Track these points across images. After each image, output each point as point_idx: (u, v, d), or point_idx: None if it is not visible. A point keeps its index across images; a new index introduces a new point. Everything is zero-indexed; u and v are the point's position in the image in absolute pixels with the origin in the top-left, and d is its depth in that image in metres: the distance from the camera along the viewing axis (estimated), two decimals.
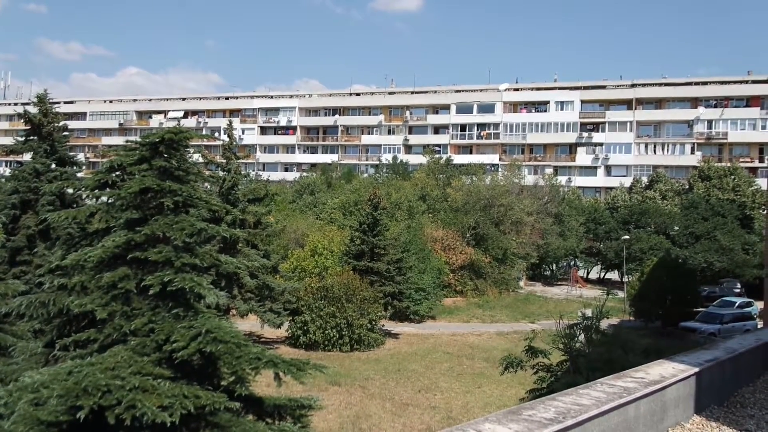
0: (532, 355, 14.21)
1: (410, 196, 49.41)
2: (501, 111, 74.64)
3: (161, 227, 8.24)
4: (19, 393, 6.93)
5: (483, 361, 26.25)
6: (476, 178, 53.74)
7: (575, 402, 6.73)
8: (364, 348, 27.74)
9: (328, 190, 58.33)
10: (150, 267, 8.17)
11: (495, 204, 47.13)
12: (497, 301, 41.92)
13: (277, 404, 8.76)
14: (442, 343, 29.97)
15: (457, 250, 41.69)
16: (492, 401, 20.45)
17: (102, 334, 8.00)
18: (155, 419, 6.58)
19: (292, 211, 49.59)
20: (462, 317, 37.55)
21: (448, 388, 22.07)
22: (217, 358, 7.75)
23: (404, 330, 32.66)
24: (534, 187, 55.10)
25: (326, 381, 20.84)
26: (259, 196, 28.24)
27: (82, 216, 9.48)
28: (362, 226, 32.36)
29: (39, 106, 26.23)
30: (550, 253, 51.79)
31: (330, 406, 18.65)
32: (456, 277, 41.69)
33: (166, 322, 7.88)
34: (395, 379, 22.92)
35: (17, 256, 23.22)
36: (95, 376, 6.76)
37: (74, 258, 8.54)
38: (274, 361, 7.98)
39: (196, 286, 7.96)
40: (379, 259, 31.70)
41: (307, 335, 27.33)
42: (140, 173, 8.65)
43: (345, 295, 27.57)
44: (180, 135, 8.80)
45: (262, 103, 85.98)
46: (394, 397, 20.60)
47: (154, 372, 7.31)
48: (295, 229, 40.41)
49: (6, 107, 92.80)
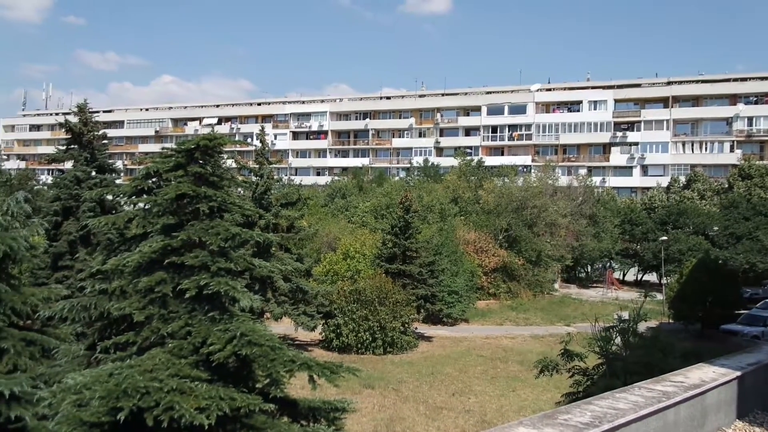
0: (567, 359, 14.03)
1: (442, 198, 49.24)
2: (533, 112, 73.88)
3: (197, 232, 8.39)
4: (63, 394, 7.13)
5: (517, 364, 25.97)
6: (508, 179, 53.30)
7: (612, 406, 6.62)
8: (397, 351, 27.71)
9: (359, 194, 58.53)
10: (186, 271, 8.33)
11: (528, 206, 46.63)
12: (531, 304, 41.44)
13: (311, 406, 8.83)
14: (475, 346, 29.76)
15: (489, 253, 41.37)
16: (527, 405, 20.21)
17: (140, 336, 8.18)
18: (192, 421, 6.70)
19: (324, 214, 49.88)
20: (495, 320, 37.22)
21: (482, 392, 21.89)
22: (252, 361, 7.85)
23: (437, 333, 32.53)
24: (568, 188, 54.35)
25: (360, 384, 20.86)
26: (291, 201, 28.50)
27: (120, 222, 9.73)
28: (394, 229, 32.36)
29: (79, 116, 27.02)
30: (584, 255, 50.99)
31: (363, 408, 18.67)
32: (489, 280, 41.37)
33: (203, 325, 8.02)
34: (429, 383, 22.84)
35: (59, 261, 23.92)
36: (134, 378, 6.92)
37: (113, 263, 8.76)
38: (308, 363, 8.05)
39: (231, 290, 8.08)
40: (411, 262, 31.66)
41: (340, 338, 27.43)
42: (176, 179, 8.82)
43: (377, 298, 27.60)
44: (214, 141, 8.95)
45: (293, 109, 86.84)
46: (428, 401, 20.52)
47: (191, 374, 7.45)
48: (327, 232, 40.64)
49: (48, 117, 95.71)
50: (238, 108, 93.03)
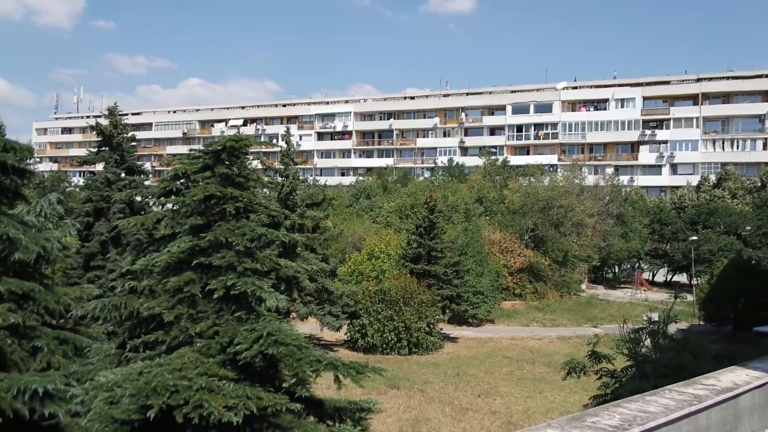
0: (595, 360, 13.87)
1: (467, 198, 49.02)
2: (559, 110, 73.08)
3: (224, 233, 8.48)
4: (95, 392, 7.27)
5: (544, 365, 25.72)
6: (534, 179, 52.81)
7: (642, 409, 6.52)
8: (422, 351, 27.66)
9: (384, 194, 58.57)
10: (214, 271, 8.43)
11: (554, 205, 46.15)
12: (558, 305, 41.01)
13: (337, 406, 8.86)
14: (501, 347, 29.56)
15: (515, 253, 41.06)
16: (554, 407, 20.01)
17: (169, 336, 8.30)
18: (221, 419, 6.78)
19: (349, 215, 50.03)
20: (521, 321, 36.92)
21: (508, 393, 21.73)
22: (278, 360, 7.90)
23: (462, 334, 32.40)
24: (595, 188, 53.65)
25: (385, 384, 20.88)
26: (316, 201, 28.65)
27: (149, 222, 9.88)
28: (419, 229, 32.32)
29: (109, 119, 27.55)
30: (612, 255, 50.28)
31: (389, 409, 18.68)
32: (515, 280, 41.06)
33: (230, 325, 8.10)
34: (454, 383, 22.75)
35: (91, 262, 24.40)
36: (164, 377, 7.03)
37: (143, 263, 8.91)
38: (333, 363, 8.08)
39: (258, 290, 8.15)
40: (436, 262, 31.58)
41: (365, 338, 27.48)
42: (203, 180, 8.93)
43: (402, 298, 27.59)
44: (240, 143, 9.04)
45: (318, 110, 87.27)
46: (454, 402, 20.45)
47: (219, 373, 7.53)
48: (352, 233, 40.74)
49: (79, 120, 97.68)
50: (264, 109, 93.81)
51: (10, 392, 8.43)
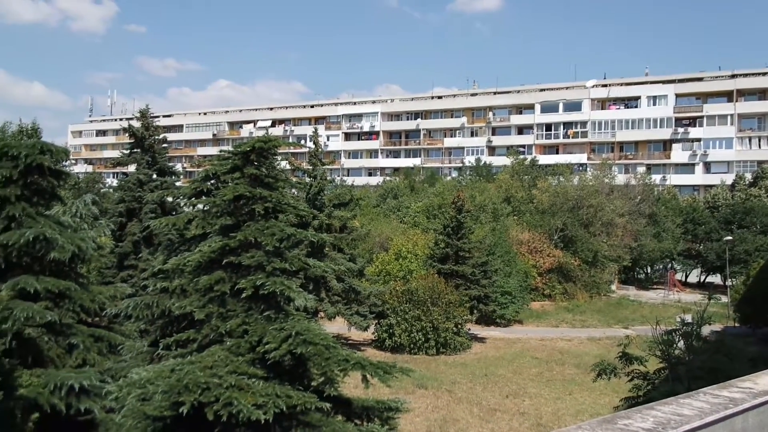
0: (626, 362, 13.65)
1: (494, 198, 48.68)
2: (588, 108, 72.08)
3: (253, 233, 8.58)
4: (128, 388, 7.42)
5: (574, 367, 25.41)
6: (563, 178, 52.18)
7: (675, 412, 6.39)
8: (450, 352, 27.57)
9: (411, 194, 58.50)
10: (243, 271, 8.53)
11: (584, 205, 45.54)
12: (588, 306, 40.46)
13: (365, 406, 8.89)
14: (530, 348, 29.29)
15: (544, 253, 40.64)
16: (584, 409, 19.75)
17: (200, 334, 8.43)
18: (250, 416, 6.86)
19: (376, 215, 50.09)
20: (550, 321, 36.53)
21: (537, 394, 21.53)
22: (307, 360, 7.96)
23: (490, 334, 32.19)
24: (625, 187, 52.79)
25: (413, 384, 20.86)
26: (344, 201, 28.77)
27: (180, 223, 10.04)
28: (446, 229, 32.21)
29: (141, 121, 28.10)
30: (644, 256, 49.41)
31: (417, 409, 18.65)
32: (543, 281, 40.65)
33: (259, 324, 8.19)
34: (482, 384, 22.63)
35: (124, 261, 24.90)
36: (195, 374, 7.14)
37: (174, 262, 9.06)
38: (361, 363, 8.11)
39: (286, 290, 8.23)
40: (464, 262, 31.44)
41: (392, 338, 27.50)
42: (233, 181, 9.05)
43: (430, 298, 27.54)
44: (269, 143, 9.13)
45: (345, 110, 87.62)
46: (482, 402, 20.33)
47: (248, 371, 7.62)
48: (379, 233, 40.79)
49: (112, 123, 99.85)
50: (292, 110, 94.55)
51: (47, 388, 8.66)
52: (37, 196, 9.83)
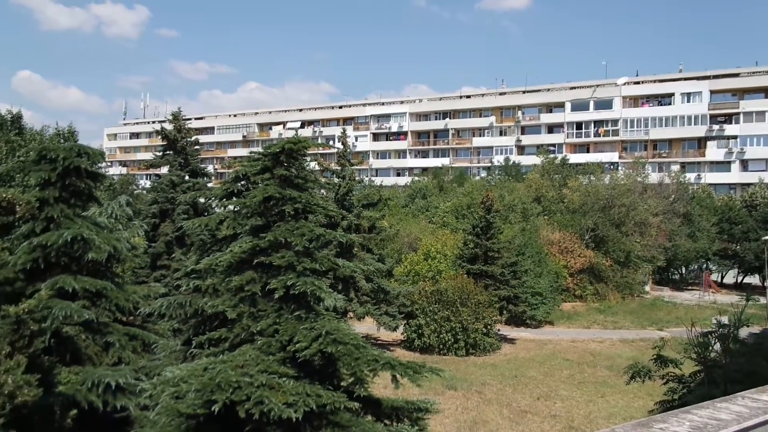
0: (661, 365, 13.36)
1: (524, 198, 48.24)
2: (620, 106, 70.89)
3: (283, 233, 8.65)
4: (162, 386, 7.55)
5: (606, 369, 25.02)
6: (594, 177, 51.43)
7: (712, 416, 6.25)
8: (479, 352, 27.41)
9: (440, 194, 58.31)
10: (274, 271, 8.62)
11: (616, 204, 44.79)
12: (620, 307, 39.79)
13: (394, 406, 8.89)
14: (561, 350, 28.93)
15: (575, 253, 40.11)
16: (617, 412, 19.43)
17: (232, 333, 8.54)
18: (281, 415, 6.92)
19: (404, 215, 50.05)
20: (582, 323, 36.03)
21: (569, 397, 21.25)
22: (336, 359, 8.00)
23: (521, 335, 31.90)
24: (659, 186, 51.77)
25: (442, 385, 20.79)
26: (372, 201, 28.81)
27: (212, 223, 10.19)
28: (475, 229, 32.02)
29: (174, 123, 28.59)
30: (678, 256, 48.39)
31: (446, 410, 18.59)
32: (575, 281, 40.12)
33: (289, 324, 8.26)
34: (512, 385, 22.43)
35: (158, 261, 25.35)
36: (227, 373, 7.23)
37: (206, 262, 9.20)
38: (391, 363, 8.11)
39: (317, 290, 8.28)
40: (493, 262, 31.21)
41: (421, 339, 27.45)
42: (263, 182, 9.15)
43: (459, 298, 27.41)
44: (298, 144, 9.21)
45: (373, 110, 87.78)
46: (512, 404, 20.16)
47: (279, 370, 7.69)
48: (408, 233, 40.75)
49: (146, 125, 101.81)
50: (320, 111, 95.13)
51: (85, 385, 8.88)
52: (74, 198, 10.08)
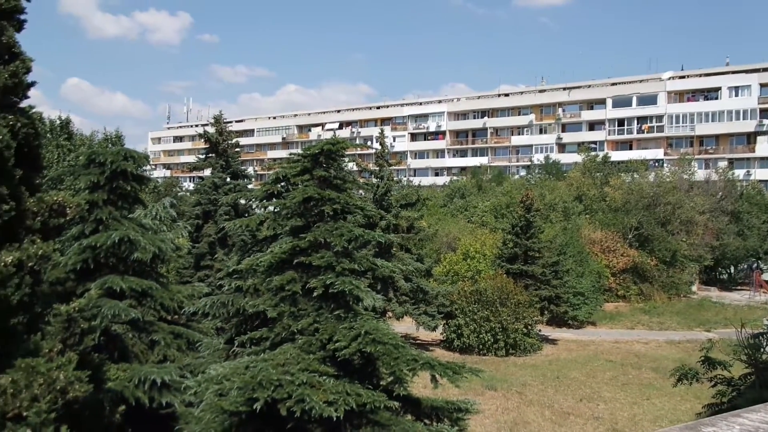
0: (709, 367, 12.96)
1: (565, 196, 47.48)
2: (664, 102, 68.99)
3: (322, 233, 8.75)
4: (206, 384, 7.73)
5: (651, 371, 24.43)
6: (638, 175, 50.21)
7: (764, 420, 6.04)
8: (520, 353, 27.11)
9: (478, 193, 57.87)
10: (313, 271, 8.72)
11: (660, 202, 43.65)
12: (666, 307, 38.76)
13: (434, 406, 8.89)
14: (604, 351, 28.37)
15: (618, 253, 39.28)
16: (663, 415, 18.95)
17: (273, 332, 8.68)
18: (322, 413, 7.00)
19: (443, 215, 49.86)
20: (625, 323, 35.25)
21: (613, 398, 20.83)
22: (376, 359, 8.05)
23: (562, 336, 31.41)
24: (706, 183, 50.21)
25: (482, 385, 20.65)
26: (411, 201, 28.81)
27: (253, 224, 10.38)
28: (515, 228, 31.69)
29: (215, 126, 29.18)
30: (727, 255, 46.85)
31: (486, 410, 18.46)
32: (618, 281, 39.28)
33: (329, 323, 8.35)
34: (554, 387, 22.12)
35: (201, 261, 25.92)
36: (268, 372, 7.35)
37: (247, 263, 9.37)
38: (430, 363, 8.12)
39: (355, 289, 8.35)
40: (533, 262, 30.85)
41: (461, 339, 27.31)
42: (303, 183, 9.27)
43: (499, 299, 27.17)
44: (337, 146, 9.29)
45: (411, 111, 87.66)
46: (554, 405, 19.88)
47: (319, 369, 7.78)
48: (446, 232, 40.59)
49: (188, 129, 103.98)
50: (358, 112, 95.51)
51: (132, 382, 9.16)
52: (121, 200, 10.41)
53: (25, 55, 7.01)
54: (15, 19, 6.97)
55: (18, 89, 6.93)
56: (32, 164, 7.28)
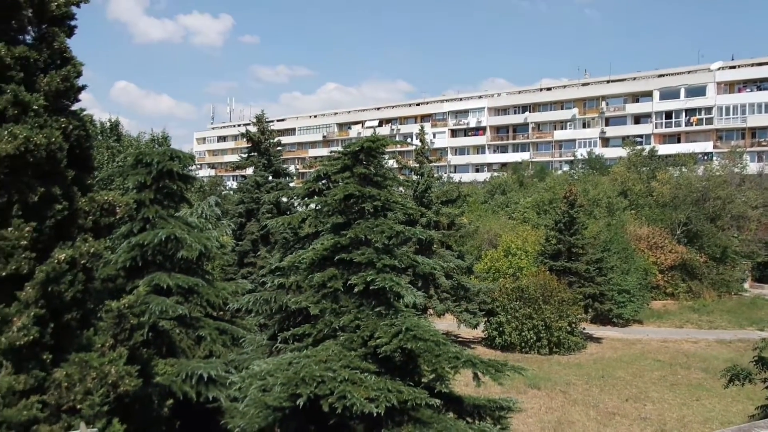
0: (762, 367, 12.54)
1: (609, 191, 46.46)
2: (714, 93, 66.65)
3: (363, 230, 8.79)
4: (250, 379, 7.87)
5: (701, 371, 23.72)
6: (686, 169, 48.74)
7: None
8: (563, 351, 26.70)
9: (520, 189, 57.17)
10: (354, 268, 8.77)
11: (710, 197, 42.28)
12: (716, 305, 37.53)
13: (476, 404, 8.84)
14: (651, 350, 27.68)
15: (665, 249, 38.23)
16: (713, 416, 18.38)
17: (315, 329, 8.77)
18: (363, 410, 7.04)
19: (484, 211, 49.46)
20: (674, 322, 34.30)
21: (660, 399, 20.31)
22: (417, 356, 8.05)
23: (607, 334, 30.78)
24: (758, 176, 48.36)
25: (525, 384, 20.42)
26: (451, 198, 28.68)
27: (295, 222, 10.50)
28: (558, 224, 31.20)
29: (257, 126, 29.64)
30: None
31: (530, 409, 18.25)
32: (665, 278, 38.24)
33: (370, 320, 8.39)
34: (599, 386, 21.70)
35: (244, 259, 26.38)
36: (311, 368, 7.44)
37: (290, 260, 9.49)
38: (472, 360, 8.07)
39: (396, 286, 8.36)
40: (577, 259, 30.32)
41: (502, 336, 27.06)
42: (343, 181, 9.33)
43: (542, 296, 26.81)
44: (377, 143, 9.32)
45: (451, 107, 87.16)
46: (599, 405, 19.51)
47: (360, 366, 7.83)
48: (487, 229, 40.24)
49: (231, 129, 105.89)
50: (398, 109, 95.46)
51: (179, 376, 9.40)
52: (167, 199, 10.68)
53: (75, 60, 7.27)
54: (66, 26, 7.23)
55: (69, 93, 7.19)
56: (84, 165, 7.54)
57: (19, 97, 6.48)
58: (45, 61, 7.01)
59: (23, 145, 6.26)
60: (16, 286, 6.33)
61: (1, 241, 6.26)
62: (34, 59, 6.83)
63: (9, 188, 6.44)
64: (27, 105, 6.54)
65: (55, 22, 7.10)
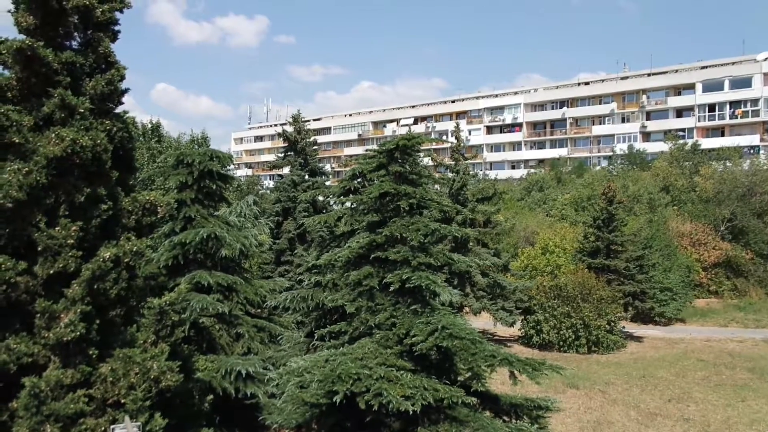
0: None
1: (650, 187, 45.43)
2: (760, 84, 64.39)
3: (398, 228, 8.82)
4: (288, 376, 7.99)
5: (747, 371, 23.00)
6: (731, 163, 47.28)
7: None
8: (602, 350, 26.24)
9: (557, 186, 56.36)
10: (390, 266, 8.81)
11: (757, 192, 40.93)
12: (763, 303, 36.31)
13: (513, 403, 8.79)
14: (694, 349, 26.97)
15: (709, 246, 37.17)
16: (760, 418, 17.81)
17: (351, 326, 8.85)
18: (399, 407, 7.08)
19: (520, 208, 48.94)
20: (718, 321, 33.35)
21: (704, 400, 19.78)
22: (453, 354, 8.04)
23: (648, 333, 30.12)
24: None
25: (563, 383, 20.15)
26: (487, 195, 28.47)
27: (331, 220, 10.61)
28: (596, 221, 30.66)
29: (293, 125, 29.97)
30: None
31: (568, 409, 18.00)
32: (709, 276, 37.19)
33: (406, 317, 8.41)
34: (640, 386, 21.26)
35: (281, 257, 26.71)
36: (347, 365, 7.51)
37: (326, 258, 9.59)
38: (509, 359, 8.03)
39: (432, 284, 8.36)
40: (616, 256, 29.75)
41: (540, 335, 26.75)
42: (379, 179, 9.37)
43: (580, 294, 26.39)
44: (412, 141, 9.33)
45: (486, 103, 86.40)
46: (640, 405, 19.11)
47: (396, 363, 7.87)
48: (524, 227, 39.81)
49: (268, 128, 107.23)
50: (433, 107, 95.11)
51: (219, 372, 9.60)
52: (207, 199, 10.91)
53: (119, 64, 7.48)
54: (110, 31, 7.45)
55: (113, 96, 7.41)
56: (127, 166, 7.76)
57: (66, 101, 6.71)
58: (90, 66, 7.24)
59: (70, 147, 6.49)
60: (63, 284, 6.56)
61: (49, 240, 6.50)
62: (80, 64, 7.07)
63: (57, 189, 6.68)
64: (73, 108, 6.77)
65: (99, 28, 7.32)
